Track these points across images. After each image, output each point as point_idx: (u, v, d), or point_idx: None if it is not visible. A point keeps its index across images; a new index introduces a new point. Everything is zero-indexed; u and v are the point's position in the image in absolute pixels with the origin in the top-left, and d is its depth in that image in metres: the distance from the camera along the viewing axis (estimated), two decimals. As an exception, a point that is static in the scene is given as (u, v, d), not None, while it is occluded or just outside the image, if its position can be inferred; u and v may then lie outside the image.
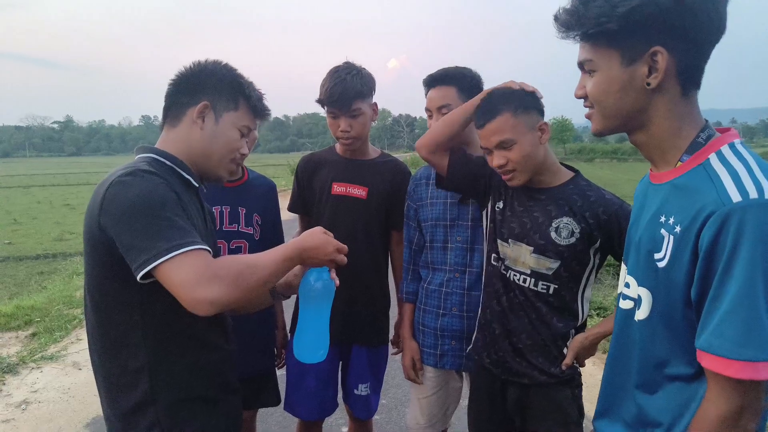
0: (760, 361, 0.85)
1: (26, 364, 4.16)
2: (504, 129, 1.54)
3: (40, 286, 7.06)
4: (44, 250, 9.87)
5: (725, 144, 0.97)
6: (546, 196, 1.63)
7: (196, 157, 1.33)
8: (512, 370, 1.65)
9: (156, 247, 1.06)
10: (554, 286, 1.60)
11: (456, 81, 1.91)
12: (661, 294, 1.01)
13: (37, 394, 3.66)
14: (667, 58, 0.96)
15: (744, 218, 0.85)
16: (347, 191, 2.13)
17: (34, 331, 4.94)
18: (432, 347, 2.01)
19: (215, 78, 1.33)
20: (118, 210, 1.10)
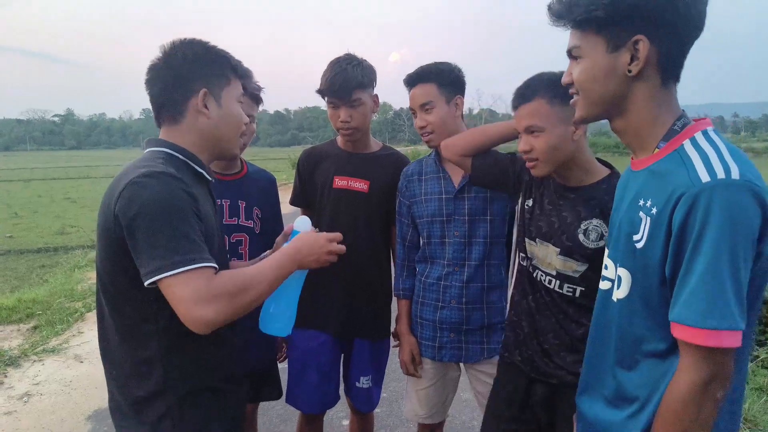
0: (723, 330, 0.91)
1: (28, 356, 4.17)
2: (534, 115, 1.51)
3: (42, 279, 7.08)
4: (45, 244, 9.90)
5: (699, 131, 1.04)
6: (576, 196, 1.57)
7: (210, 144, 1.33)
8: (540, 369, 1.63)
9: (165, 258, 1.08)
10: (581, 289, 1.54)
11: (435, 77, 1.90)
12: (639, 274, 1.07)
13: (39, 386, 3.68)
14: (648, 46, 1.02)
15: (712, 197, 0.91)
16: (349, 185, 2.12)
17: (35, 324, 4.95)
18: (431, 339, 2.01)
19: (201, 62, 1.31)
20: (133, 212, 1.11)
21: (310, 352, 2.14)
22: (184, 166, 1.28)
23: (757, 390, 3.52)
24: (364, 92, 2.03)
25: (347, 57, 2.05)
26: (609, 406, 1.17)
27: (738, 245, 0.91)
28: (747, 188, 0.92)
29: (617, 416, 1.14)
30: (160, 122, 1.34)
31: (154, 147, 1.29)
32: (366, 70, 2.04)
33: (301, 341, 2.17)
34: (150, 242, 1.09)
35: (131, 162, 1.26)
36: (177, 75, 1.29)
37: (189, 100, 1.29)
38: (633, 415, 1.10)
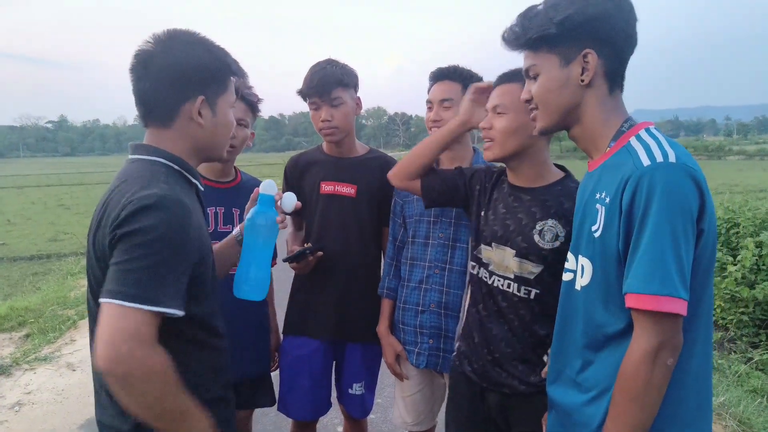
0: (663, 296, 1.00)
1: (20, 365, 4.13)
2: (506, 94, 1.56)
3: (34, 287, 7.02)
4: (38, 251, 9.82)
5: (642, 129, 1.17)
6: (531, 197, 1.59)
7: (200, 151, 1.30)
8: (492, 379, 1.62)
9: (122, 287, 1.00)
10: (536, 291, 1.55)
11: (463, 79, 1.93)
12: (599, 260, 1.16)
13: (30, 395, 3.64)
14: (596, 58, 1.18)
15: (653, 177, 1.03)
16: (336, 190, 2.11)
17: (27, 332, 4.90)
18: (411, 345, 2.01)
19: (206, 66, 1.23)
20: (127, 229, 1.04)
21: (301, 360, 2.13)
22: (181, 178, 1.24)
23: (751, 392, 3.54)
24: (345, 92, 2.03)
25: (328, 59, 2.06)
26: (575, 388, 1.25)
27: (677, 220, 1.01)
28: (683, 170, 1.03)
29: (582, 398, 1.22)
30: (146, 122, 1.26)
31: (150, 156, 1.22)
32: (347, 71, 2.04)
33: (292, 348, 2.16)
34: (126, 268, 1.02)
35: (128, 170, 1.20)
36: (173, 75, 1.20)
37: (183, 105, 1.22)
38: (597, 397, 1.18)
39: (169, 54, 1.20)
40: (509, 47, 1.29)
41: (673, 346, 1.04)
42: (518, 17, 1.26)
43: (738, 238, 5.16)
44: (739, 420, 3.11)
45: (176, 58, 1.20)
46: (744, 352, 4.28)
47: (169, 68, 1.20)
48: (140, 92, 1.22)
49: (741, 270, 4.62)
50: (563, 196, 1.55)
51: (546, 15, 1.20)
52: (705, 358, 1.13)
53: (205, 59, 1.24)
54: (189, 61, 1.21)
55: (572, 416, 1.24)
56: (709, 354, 1.16)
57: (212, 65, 1.25)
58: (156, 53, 1.20)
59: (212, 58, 1.25)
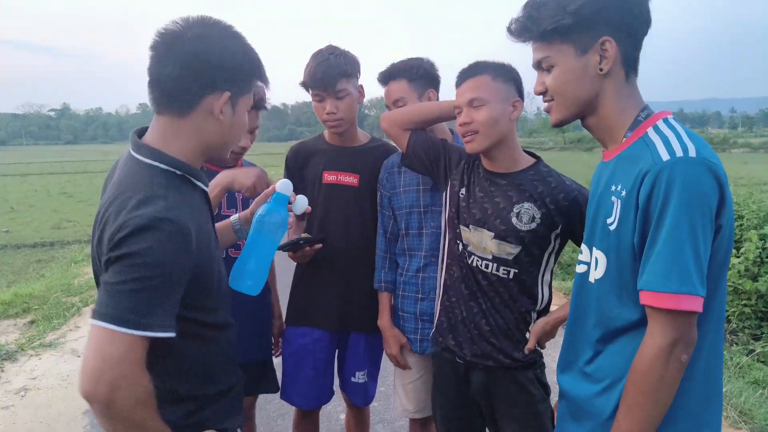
0: (682, 294, 0.98)
1: (25, 351, 4.17)
2: (479, 87, 1.60)
3: (38, 274, 7.07)
4: (42, 239, 9.88)
5: (660, 119, 1.13)
6: (507, 182, 1.65)
7: (210, 148, 1.21)
8: (477, 352, 1.67)
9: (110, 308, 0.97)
10: (514, 271, 1.62)
11: (405, 73, 1.94)
12: (613, 253, 1.14)
13: (35, 381, 3.67)
14: (614, 46, 1.13)
15: (672, 173, 1.00)
16: (338, 179, 2.10)
17: (32, 318, 4.94)
18: (413, 332, 2.02)
19: (235, 61, 1.16)
20: (121, 256, 0.99)
21: (305, 349, 2.14)
22: (183, 183, 1.16)
23: (753, 384, 3.54)
24: (349, 82, 2.00)
25: (329, 48, 2.02)
26: (586, 379, 1.24)
27: (696, 216, 0.99)
28: (703, 164, 1.00)
29: (592, 389, 1.21)
30: (160, 109, 1.15)
31: (151, 159, 1.13)
32: (349, 60, 2.01)
33: (295, 337, 2.17)
34: (118, 288, 0.98)
35: (127, 173, 1.12)
36: (203, 64, 1.11)
37: (205, 97, 1.14)
38: (607, 389, 1.17)
39: (201, 40, 1.11)
40: (517, 39, 1.24)
41: (687, 343, 1.03)
42: (525, 7, 1.21)
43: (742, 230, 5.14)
44: (741, 411, 3.12)
45: (209, 47, 1.12)
46: (746, 344, 4.29)
47: (200, 56, 1.11)
48: (159, 75, 1.12)
49: (744, 262, 4.62)
50: (537, 180, 1.63)
51: (558, 4, 1.14)
52: (715, 352, 1.12)
53: (239, 55, 1.17)
54: (223, 53, 1.13)
55: (583, 406, 1.24)
56: (720, 347, 1.14)
57: (245, 63, 1.19)
58: (186, 37, 1.11)
59: (246, 57, 1.19)
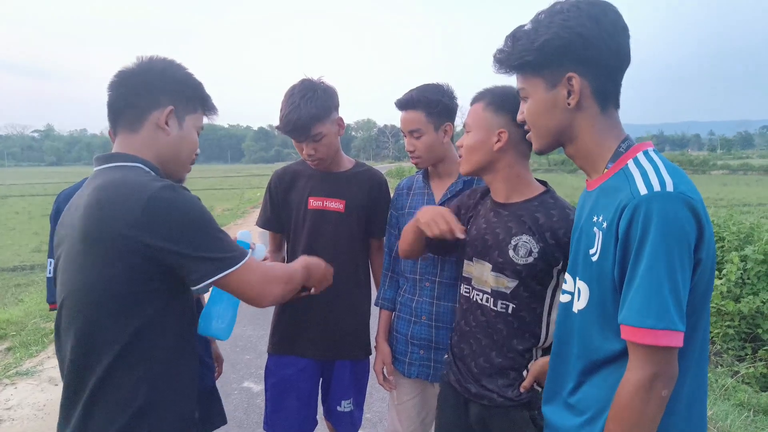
0: (659, 329, 0.99)
1: (0, 380, 4.03)
2: (470, 114, 1.66)
3: (17, 298, 6.89)
4: (21, 262, 9.67)
5: (640, 151, 1.15)
6: (509, 212, 1.61)
7: (164, 162, 1.32)
8: (471, 391, 1.66)
9: (223, 259, 1.19)
10: (513, 306, 1.57)
11: (424, 106, 1.90)
12: (595, 285, 1.15)
13: (10, 411, 3.55)
14: (580, 81, 1.15)
15: (650, 207, 1.01)
16: (324, 205, 2.09)
17: (9, 345, 4.80)
18: (402, 354, 2.02)
19: (176, 81, 1.32)
20: (171, 226, 1.14)
21: (289, 379, 2.11)
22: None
23: (738, 406, 3.55)
24: (324, 124, 1.96)
25: (301, 88, 1.96)
26: (569, 411, 1.23)
27: (674, 250, 0.99)
28: (680, 199, 1.01)
29: (575, 421, 1.20)
30: (116, 128, 1.31)
31: (129, 162, 1.26)
32: (321, 101, 1.95)
33: (279, 367, 2.13)
34: (206, 247, 1.17)
35: (108, 176, 1.22)
36: (147, 83, 1.28)
37: (152, 112, 1.28)
38: (590, 421, 1.16)
39: (146, 68, 1.30)
40: (496, 69, 1.29)
41: (668, 377, 1.03)
42: (507, 38, 1.25)
43: (723, 252, 5.21)
44: (726, 434, 3.12)
45: (152, 71, 1.30)
46: (730, 365, 4.31)
47: (144, 78, 1.29)
48: (112, 101, 1.30)
49: (726, 284, 4.67)
50: (539, 212, 1.56)
51: (528, 38, 1.18)
52: (698, 384, 1.12)
53: (179, 75, 1.33)
54: (163, 74, 1.30)
55: None
56: (704, 379, 1.14)
57: (186, 83, 1.34)
58: (135, 70, 1.29)
59: (187, 78, 1.35)
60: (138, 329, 1.17)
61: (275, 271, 1.33)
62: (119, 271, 1.15)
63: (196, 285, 1.18)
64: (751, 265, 4.76)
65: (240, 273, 1.21)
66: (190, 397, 1.30)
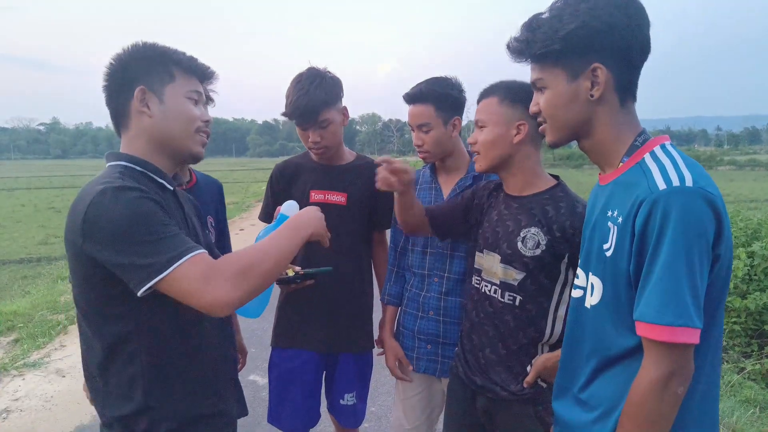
0: (677, 326, 0.97)
1: (8, 371, 4.07)
2: (483, 110, 1.64)
3: (24, 290, 6.94)
4: (28, 254, 9.72)
5: (657, 145, 1.12)
6: (519, 205, 1.62)
7: (161, 145, 1.27)
8: (477, 384, 1.67)
9: (155, 263, 1.06)
10: (520, 298, 1.58)
11: (433, 99, 1.87)
12: (609, 280, 1.13)
13: (18, 402, 3.58)
14: (605, 72, 1.12)
15: (668, 202, 0.99)
16: (326, 198, 2.08)
17: (16, 337, 4.84)
18: (410, 349, 2.02)
19: (138, 60, 1.25)
20: (102, 234, 1.08)
21: (292, 372, 2.11)
22: (144, 178, 1.24)
23: (744, 402, 3.54)
24: (331, 111, 1.97)
25: (309, 74, 1.98)
26: (580, 406, 1.22)
27: (693, 247, 0.97)
28: (700, 194, 0.99)
29: (587, 417, 1.19)
30: (117, 130, 1.31)
31: (113, 161, 1.25)
32: (329, 87, 1.97)
33: (282, 360, 2.14)
34: (133, 254, 1.07)
35: (93, 178, 1.22)
36: (117, 79, 1.25)
37: (130, 103, 1.24)
38: (602, 417, 1.15)
39: (113, 63, 1.25)
40: (514, 59, 1.24)
41: (683, 375, 1.01)
42: (522, 27, 1.20)
43: (730, 248, 5.17)
44: (733, 430, 3.11)
45: (116, 64, 1.25)
46: (736, 362, 4.29)
47: (113, 74, 1.25)
48: (108, 107, 1.28)
49: (733, 280, 4.64)
50: (549, 205, 1.57)
51: (550, 27, 1.13)
52: (711, 383, 1.10)
53: (135, 54, 1.26)
54: (124, 60, 1.25)
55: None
56: (716, 379, 1.13)
57: (144, 55, 1.26)
58: (108, 69, 1.26)
59: (144, 50, 1.27)
60: (121, 332, 1.17)
61: (224, 264, 1.12)
62: (85, 278, 1.16)
63: (138, 292, 1.08)
64: (758, 261, 4.72)
65: (171, 280, 1.07)
66: (196, 394, 1.28)
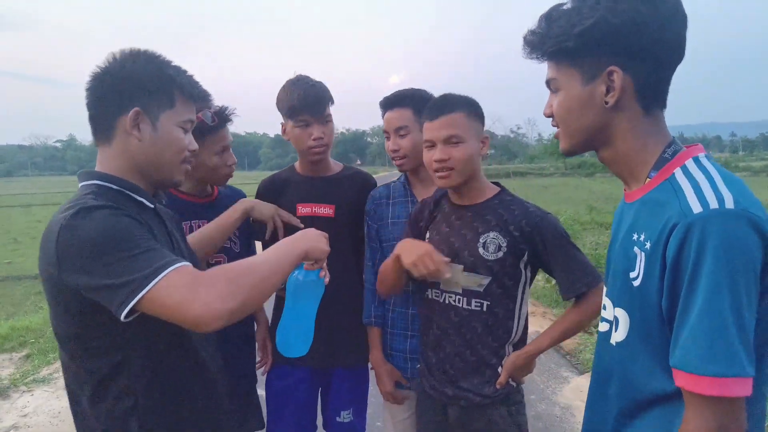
0: (729, 377, 0.82)
1: (17, 387, 4.08)
2: (456, 125, 1.60)
3: (37, 306, 6.99)
4: (42, 270, 9.80)
5: (690, 158, 0.98)
6: (472, 213, 1.65)
7: (143, 169, 1.20)
8: (448, 395, 1.67)
9: (134, 279, 0.97)
10: (487, 303, 1.61)
11: (413, 103, 1.89)
12: (637, 313, 0.99)
13: (26, 418, 3.58)
14: (622, 77, 0.98)
15: (705, 228, 0.85)
16: (313, 211, 2.04)
17: (28, 352, 4.87)
18: (402, 371, 1.96)
19: (141, 77, 1.16)
20: (76, 258, 1.00)
21: (286, 390, 2.08)
22: (120, 196, 1.16)
23: None
24: (330, 108, 2.03)
25: (302, 76, 2.01)
26: None
27: (738, 279, 0.83)
28: (743, 217, 0.85)
29: None
30: (95, 141, 1.21)
31: (85, 181, 1.18)
32: (325, 86, 2.03)
33: (276, 378, 2.11)
34: (111, 273, 0.98)
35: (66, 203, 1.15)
36: (112, 87, 1.15)
37: (119, 118, 1.16)
38: None
39: (111, 67, 1.16)
40: (527, 54, 1.10)
41: (735, 430, 0.85)
42: (540, 18, 1.07)
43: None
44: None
45: (116, 70, 1.16)
46: None
47: (108, 79, 1.16)
48: (88, 110, 1.19)
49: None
50: (501, 208, 1.63)
51: (567, 21, 1.00)
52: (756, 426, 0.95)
53: (140, 70, 1.17)
54: (124, 73, 1.16)
55: None
56: (763, 421, 0.97)
57: (149, 75, 1.17)
58: (99, 73, 1.17)
59: (151, 69, 1.18)
60: (109, 365, 1.10)
61: (209, 275, 1.03)
62: (67, 311, 1.08)
63: (120, 316, 0.99)
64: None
65: (153, 297, 0.97)
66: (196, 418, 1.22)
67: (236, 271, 1.06)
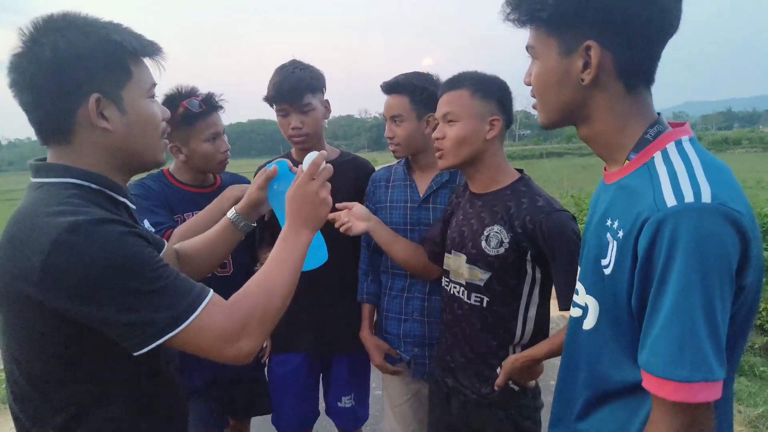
0: (694, 382, 0.80)
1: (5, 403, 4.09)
2: (454, 102, 1.57)
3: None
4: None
5: (672, 141, 0.94)
6: (483, 202, 1.62)
7: (122, 160, 1.07)
8: (449, 385, 1.70)
9: (158, 321, 0.92)
10: (486, 299, 1.57)
11: (409, 91, 1.91)
12: (608, 303, 0.98)
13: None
14: (599, 53, 0.94)
15: (678, 225, 0.82)
16: None
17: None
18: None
19: (85, 55, 0.97)
20: (73, 287, 0.88)
21: (285, 377, 2.17)
22: (100, 197, 1.03)
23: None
24: (314, 97, 2.01)
25: (293, 62, 2.04)
26: None
27: (712, 279, 0.80)
28: (720, 213, 0.81)
29: None
30: (43, 141, 1.04)
31: (57, 178, 1.00)
32: (314, 74, 2.03)
33: (277, 365, 2.20)
34: (129, 311, 0.90)
35: (29, 200, 0.99)
36: (52, 78, 0.96)
37: (76, 112, 0.99)
38: None
39: (39, 53, 0.95)
40: (507, 17, 1.04)
41: None
42: None
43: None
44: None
45: (48, 56, 0.95)
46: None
47: (43, 69, 0.96)
48: (25, 107, 1.01)
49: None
50: (511, 200, 1.56)
51: None
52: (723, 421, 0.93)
53: (84, 46, 0.97)
54: (64, 56, 0.95)
55: None
56: (729, 415, 0.97)
57: (96, 50, 0.98)
58: (26, 56, 0.97)
59: (95, 42, 0.98)
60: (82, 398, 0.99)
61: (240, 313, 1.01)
62: (44, 335, 0.95)
63: (137, 352, 0.93)
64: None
65: (189, 332, 0.94)
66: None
67: (262, 305, 1.05)
